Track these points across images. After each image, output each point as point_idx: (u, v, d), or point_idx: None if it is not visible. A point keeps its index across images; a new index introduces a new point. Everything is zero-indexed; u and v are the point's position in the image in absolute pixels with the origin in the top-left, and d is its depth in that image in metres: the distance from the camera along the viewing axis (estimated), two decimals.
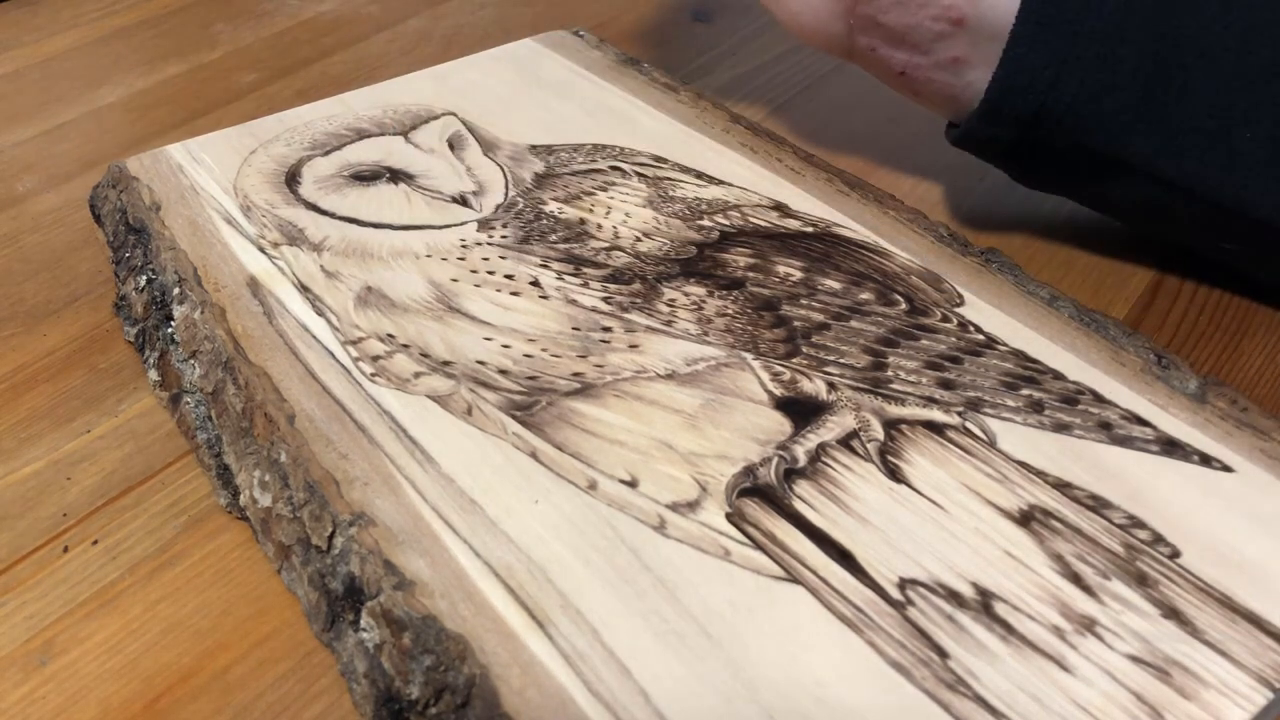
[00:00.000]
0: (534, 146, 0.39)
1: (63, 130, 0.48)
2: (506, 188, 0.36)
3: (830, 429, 0.27)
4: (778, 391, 0.28)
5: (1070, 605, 0.23)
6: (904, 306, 0.31)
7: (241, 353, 0.29)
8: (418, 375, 0.29)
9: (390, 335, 0.30)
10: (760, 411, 0.28)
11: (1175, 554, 0.24)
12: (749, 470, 0.26)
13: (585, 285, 0.32)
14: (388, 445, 0.27)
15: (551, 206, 0.35)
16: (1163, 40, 0.30)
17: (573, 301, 0.31)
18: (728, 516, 0.25)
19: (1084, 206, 0.37)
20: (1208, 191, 0.31)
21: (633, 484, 0.26)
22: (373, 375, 0.29)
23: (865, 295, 0.32)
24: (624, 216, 0.35)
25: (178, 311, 0.32)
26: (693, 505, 0.25)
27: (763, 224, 0.35)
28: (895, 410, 0.28)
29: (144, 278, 0.33)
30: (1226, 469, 0.26)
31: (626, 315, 0.31)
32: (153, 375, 0.33)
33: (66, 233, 0.41)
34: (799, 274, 0.32)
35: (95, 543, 0.29)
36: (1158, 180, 0.31)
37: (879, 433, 0.27)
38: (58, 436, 0.32)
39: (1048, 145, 0.32)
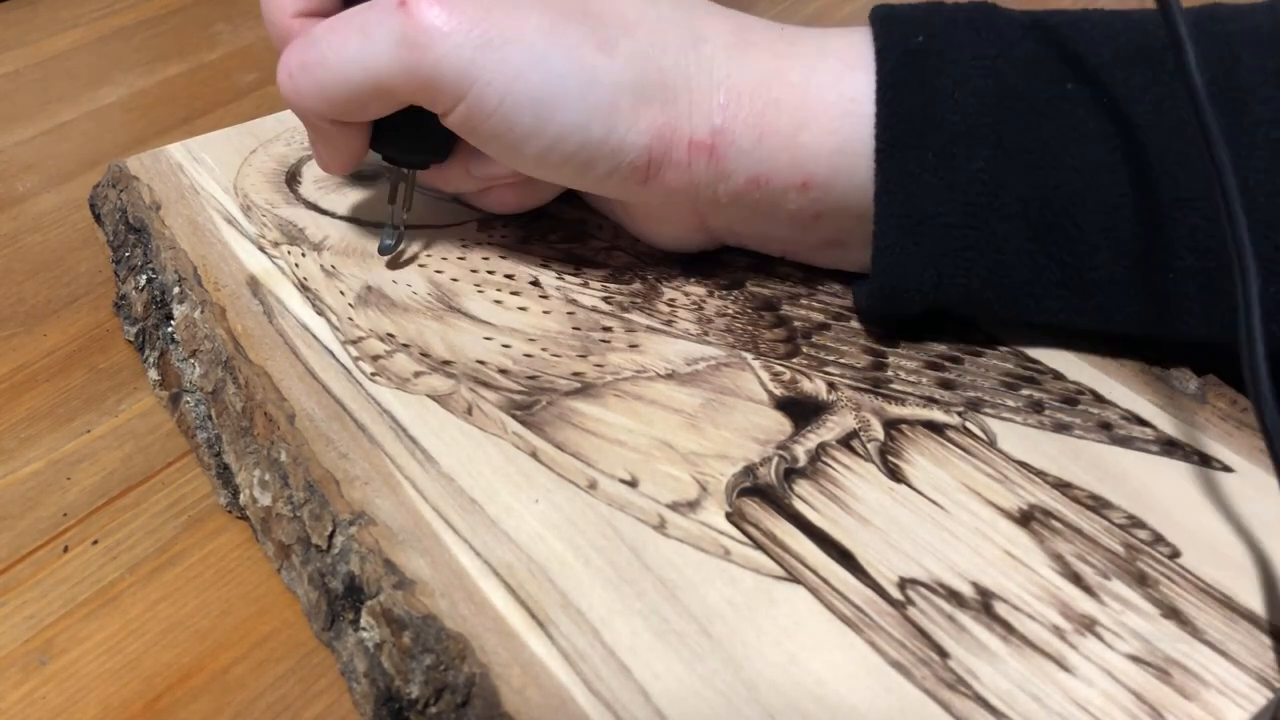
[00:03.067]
0: None
1: (63, 130, 0.48)
2: None
3: (830, 429, 0.27)
4: (778, 391, 0.28)
5: (1070, 605, 0.23)
6: None
7: (241, 352, 0.29)
8: (418, 375, 0.29)
9: (390, 335, 0.30)
10: (760, 411, 0.28)
11: (1175, 554, 0.24)
12: (749, 470, 0.26)
13: (585, 285, 0.32)
14: (388, 445, 0.27)
15: (551, 206, 0.35)
16: (1040, 205, 0.27)
17: (573, 301, 0.31)
18: (728, 516, 0.25)
19: None
20: (1139, 332, 0.28)
21: (633, 483, 0.26)
22: (373, 375, 0.29)
23: None
24: None
25: (178, 311, 0.32)
26: (693, 505, 0.25)
27: None
28: (895, 410, 0.28)
29: (144, 277, 0.33)
30: (1226, 469, 0.26)
31: (626, 315, 0.31)
32: (153, 375, 0.33)
33: (66, 233, 0.41)
34: (799, 274, 0.32)
35: (95, 543, 0.29)
36: (1089, 331, 0.29)
37: (879, 432, 0.27)
38: (58, 436, 0.32)
39: (952, 313, 0.30)
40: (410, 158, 0.32)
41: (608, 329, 0.30)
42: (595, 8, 0.28)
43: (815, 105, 0.28)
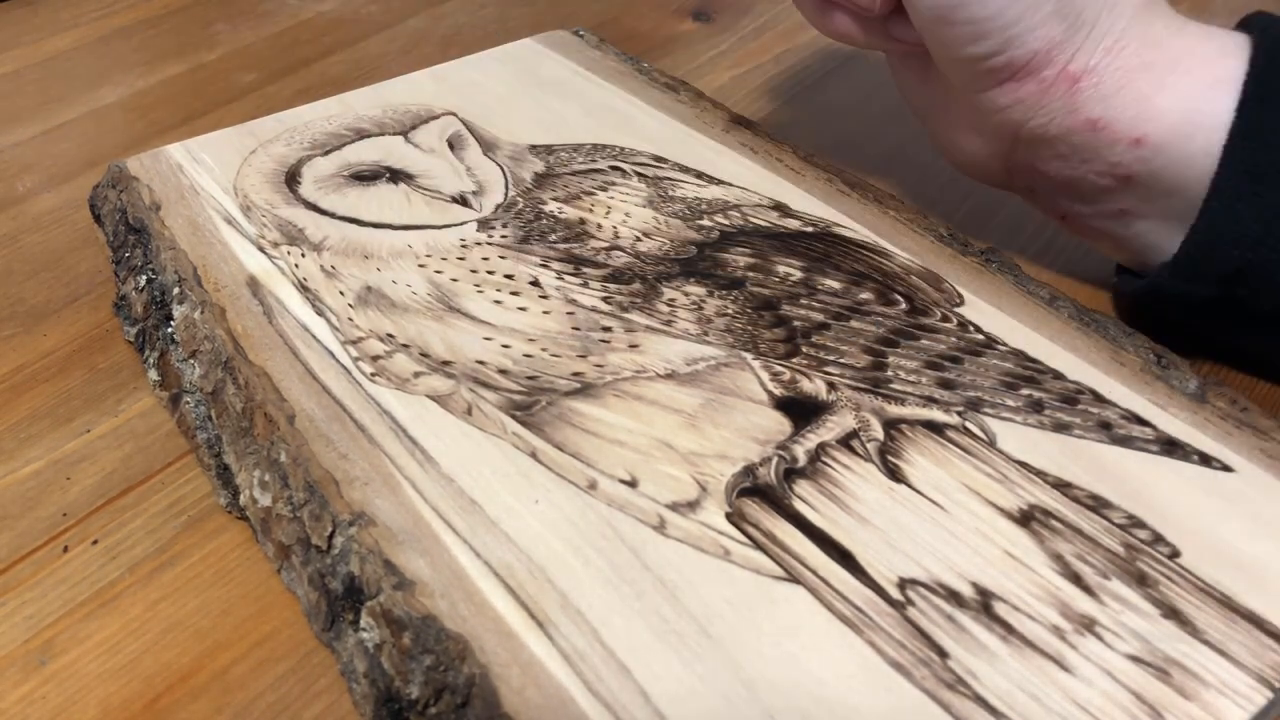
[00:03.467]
0: (534, 146, 0.39)
1: (63, 130, 0.48)
2: (506, 188, 0.36)
3: (830, 429, 0.27)
4: (778, 391, 0.28)
5: (1070, 605, 0.23)
6: (904, 306, 0.31)
7: (241, 352, 0.29)
8: (418, 375, 0.29)
9: (390, 335, 0.30)
10: (760, 411, 0.28)
11: (1175, 554, 0.24)
12: (749, 470, 0.26)
13: (585, 285, 0.32)
14: (387, 445, 0.27)
15: (551, 206, 0.35)
16: None
17: (573, 301, 0.31)
18: (728, 516, 0.25)
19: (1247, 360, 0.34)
20: None
21: (633, 484, 0.26)
22: (373, 375, 0.29)
23: (865, 295, 0.32)
24: (624, 216, 0.35)
25: (178, 311, 0.32)
26: (693, 505, 0.25)
27: (763, 224, 0.35)
28: (895, 410, 0.28)
29: (144, 277, 0.33)
30: (1226, 469, 0.26)
31: (626, 315, 0.31)
32: (153, 375, 0.33)
33: (66, 233, 0.41)
34: (799, 274, 0.32)
35: (95, 543, 0.29)
36: None
37: (879, 432, 0.27)
38: (58, 436, 0.32)
39: (1247, 304, 0.30)
40: None
41: (607, 329, 0.30)
42: None
43: (1184, 75, 0.30)
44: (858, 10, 0.33)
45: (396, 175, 0.37)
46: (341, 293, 0.32)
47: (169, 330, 0.32)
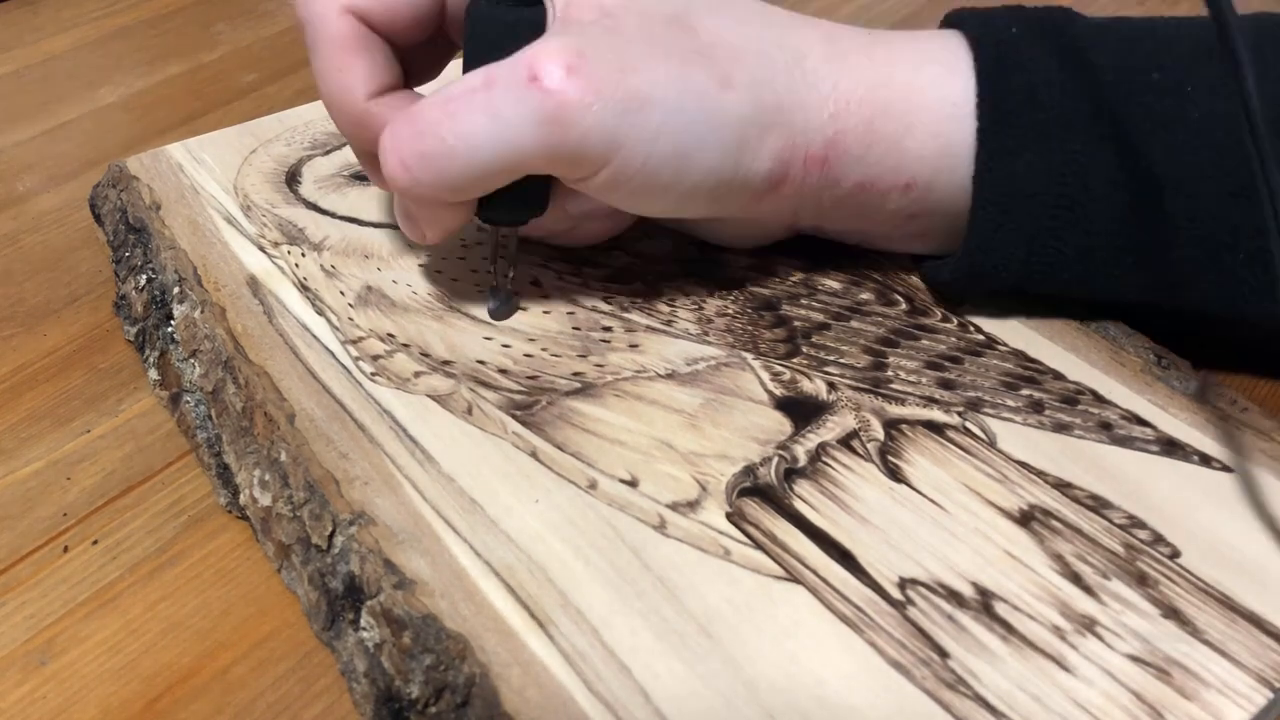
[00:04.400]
0: None
1: (63, 130, 0.48)
2: None
3: (830, 429, 0.27)
4: (778, 391, 0.28)
5: (1070, 605, 0.23)
6: (904, 306, 0.31)
7: (241, 352, 0.29)
8: (418, 374, 0.29)
9: (390, 334, 0.30)
10: (760, 411, 0.28)
11: (1175, 554, 0.24)
12: (749, 470, 0.26)
13: (585, 285, 0.32)
14: (388, 444, 0.27)
15: None
16: (1131, 187, 0.28)
17: (573, 301, 0.31)
18: (728, 516, 0.25)
19: None
20: (1211, 310, 0.29)
21: (633, 483, 0.26)
22: (373, 374, 0.29)
23: (865, 295, 0.32)
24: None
25: (178, 311, 0.32)
26: (693, 505, 0.25)
27: None
28: (895, 410, 0.28)
29: (144, 277, 0.33)
30: (1226, 469, 0.26)
31: (626, 315, 0.31)
32: (153, 375, 0.33)
33: (66, 233, 0.41)
34: (799, 274, 0.32)
35: (95, 543, 0.29)
36: (1165, 311, 0.30)
37: (879, 432, 0.27)
38: (58, 436, 0.32)
39: (1035, 293, 0.31)
40: (513, 217, 0.30)
41: (608, 329, 0.30)
42: (704, 42, 0.28)
43: (919, 110, 0.29)
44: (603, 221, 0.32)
45: None
46: (342, 292, 0.32)
47: (169, 330, 0.32)
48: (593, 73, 0.26)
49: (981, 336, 0.30)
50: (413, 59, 0.31)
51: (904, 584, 0.24)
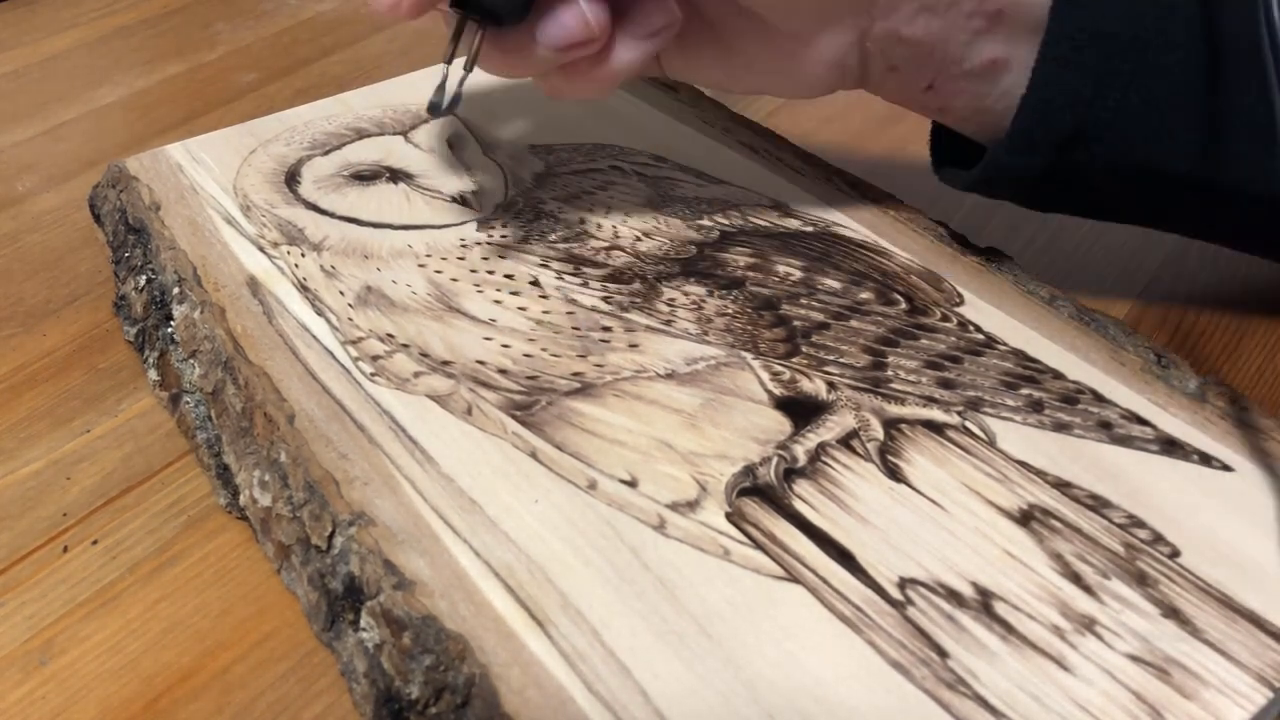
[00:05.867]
0: (534, 146, 0.39)
1: (63, 130, 0.48)
2: (506, 187, 0.36)
3: (830, 428, 0.27)
4: (777, 391, 0.28)
5: (1070, 605, 0.23)
6: (904, 306, 0.31)
7: (241, 352, 0.29)
8: (417, 375, 0.29)
9: (390, 335, 0.30)
10: (760, 411, 0.28)
11: (1175, 553, 0.24)
12: (749, 470, 0.26)
13: (585, 285, 0.32)
14: (387, 445, 0.27)
15: (551, 206, 0.35)
16: (1208, 44, 0.28)
17: (573, 301, 0.31)
18: (727, 516, 0.25)
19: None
20: (1259, 191, 0.29)
21: (632, 484, 0.26)
22: (372, 375, 0.29)
23: (865, 295, 0.32)
24: (624, 216, 0.35)
25: (177, 311, 0.32)
26: (692, 505, 0.25)
27: (762, 224, 0.35)
28: (895, 410, 0.28)
29: (144, 277, 0.33)
30: (1226, 469, 0.26)
31: (626, 315, 0.31)
32: (152, 375, 0.33)
33: (66, 233, 0.41)
34: (799, 273, 0.32)
35: (95, 543, 0.29)
36: (1200, 187, 0.30)
37: (879, 432, 0.27)
38: (58, 436, 0.32)
39: (1083, 167, 0.30)
40: (491, 5, 0.27)
41: (607, 329, 0.30)
42: None
43: None
44: (587, 54, 0.29)
45: (396, 175, 0.37)
46: (341, 293, 0.32)
47: (169, 330, 0.32)
48: None
49: (981, 336, 0.30)
50: None
51: (904, 584, 0.24)
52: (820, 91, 0.33)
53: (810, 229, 0.35)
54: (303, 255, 0.33)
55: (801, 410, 0.28)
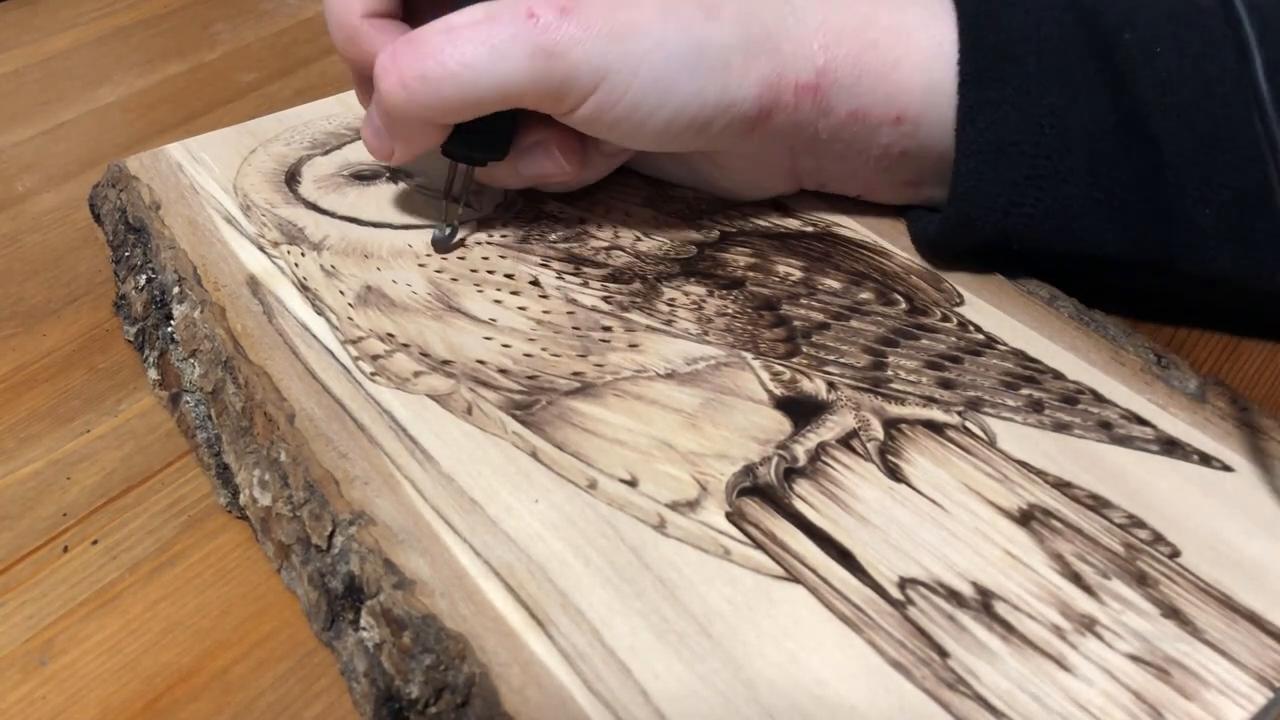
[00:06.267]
0: None
1: (63, 130, 0.48)
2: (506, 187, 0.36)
3: (830, 428, 0.27)
4: (778, 391, 0.28)
5: (1070, 604, 0.23)
6: (904, 306, 0.31)
7: (241, 352, 0.29)
8: (417, 374, 0.29)
9: (390, 334, 0.30)
10: (760, 411, 0.28)
11: (1175, 553, 0.24)
12: (749, 469, 0.26)
13: (585, 285, 0.32)
14: (387, 444, 0.27)
15: (551, 206, 0.35)
16: (1106, 140, 0.29)
17: (573, 301, 0.31)
18: (728, 516, 0.25)
19: None
20: (1178, 266, 0.30)
21: (633, 483, 0.26)
22: (372, 374, 0.29)
23: (865, 295, 0.32)
24: (624, 216, 0.35)
25: (177, 311, 0.32)
26: (693, 504, 0.25)
27: (763, 224, 0.35)
28: (895, 410, 0.28)
29: (143, 277, 0.33)
30: (1226, 469, 0.26)
31: (626, 315, 0.31)
32: (152, 375, 0.33)
33: (66, 232, 0.41)
34: (799, 273, 0.32)
35: (95, 542, 0.29)
36: (1125, 264, 0.31)
37: (879, 432, 0.27)
38: (58, 436, 0.32)
39: (1019, 254, 0.32)
40: (475, 154, 0.32)
41: (608, 329, 0.30)
42: None
43: (908, 46, 0.30)
44: (560, 181, 0.34)
45: (396, 174, 0.37)
46: (341, 292, 0.32)
47: (169, 330, 0.32)
48: (584, 10, 0.28)
49: (981, 336, 0.30)
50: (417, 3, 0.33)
51: (904, 584, 0.24)
52: (757, 195, 0.36)
53: (810, 229, 0.35)
54: (303, 255, 0.33)
55: (801, 410, 0.28)
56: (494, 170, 0.33)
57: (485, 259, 0.33)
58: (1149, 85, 0.29)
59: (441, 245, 0.33)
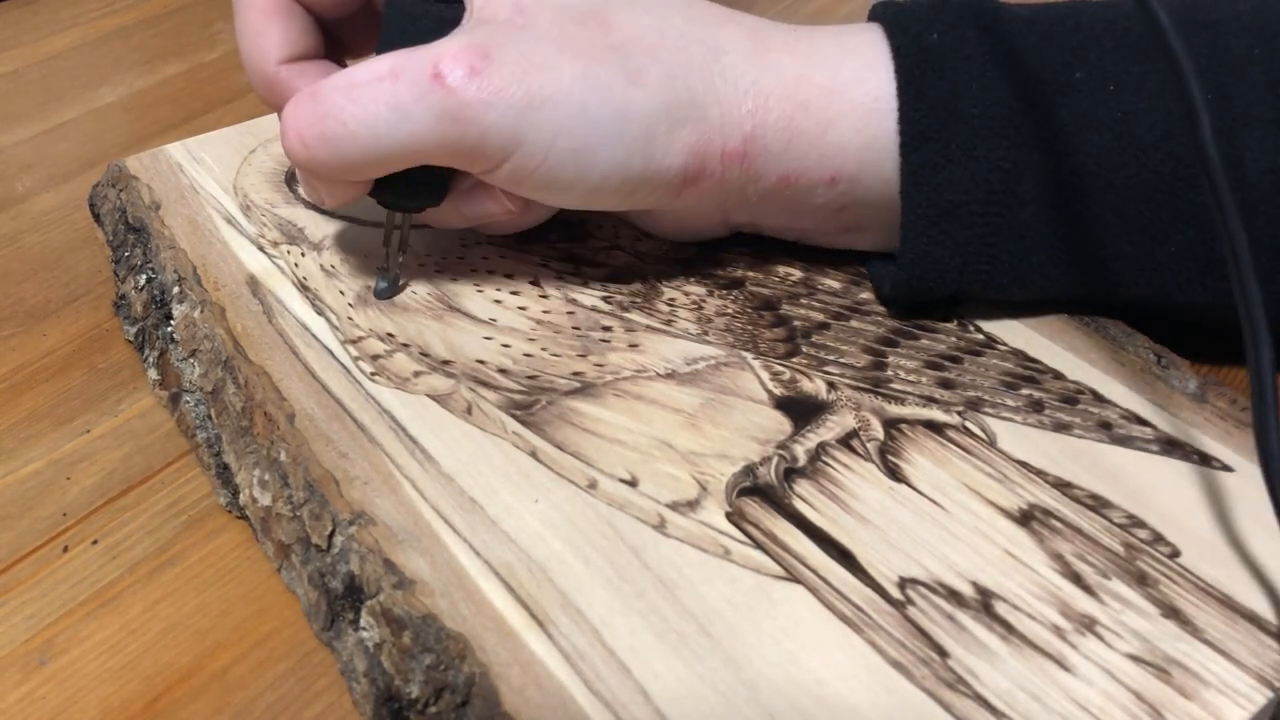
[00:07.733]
0: None
1: (63, 130, 0.48)
2: None
3: (830, 428, 0.27)
4: (778, 391, 0.28)
5: (1070, 604, 0.23)
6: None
7: (241, 352, 0.29)
8: (417, 374, 0.29)
9: (390, 334, 0.30)
10: (760, 411, 0.28)
11: (1175, 553, 0.24)
12: (749, 469, 0.26)
13: (585, 285, 0.32)
14: (387, 444, 0.27)
15: None
16: (1059, 190, 0.28)
17: (573, 301, 0.31)
18: (728, 516, 0.25)
19: None
20: (1151, 301, 0.30)
21: (632, 483, 0.26)
22: (372, 374, 0.29)
23: (865, 295, 0.32)
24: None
25: (177, 311, 0.32)
26: (693, 504, 0.25)
27: None
28: (895, 410, 0.28)
29: (143, 277, 0.33)
30: (1226, 469, 0.26)
31: (626, 314, 0.31)
32: (152, 375, 0.33)
33: (66, 232, 0.41)
34: (799, 273, 0.32)
35: (95, 542, 0.29)
36: (1091, 301, 0.31)
37: (879, 432, 0.27)
38: (58, 436, 0.32)
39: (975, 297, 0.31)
40: (407, 203, 0.31)
41: (607, 329, 0.30)
42: (618, 38, 0.28)
43: (841, 105, 0.29)
44: (505, 220, 0.32)
45: None
46: (341, 292, 0.32)
47: (169, 330, 0.32)
48: (495, 73, 0.27)
49: (981, 336, 0.30)
50: (343, 30, 0.32)
51: (904, 583, 0.24)
52: (696, 239, 0.34)
53: None
54: (303, 255, 0.33)
55: (801, 410, 0.28)
56: (435, 212, 0.31)
57: (485, 259, 0.33)
58: (1104, 127, 0.28)
59: (382, 295, 0.31)
